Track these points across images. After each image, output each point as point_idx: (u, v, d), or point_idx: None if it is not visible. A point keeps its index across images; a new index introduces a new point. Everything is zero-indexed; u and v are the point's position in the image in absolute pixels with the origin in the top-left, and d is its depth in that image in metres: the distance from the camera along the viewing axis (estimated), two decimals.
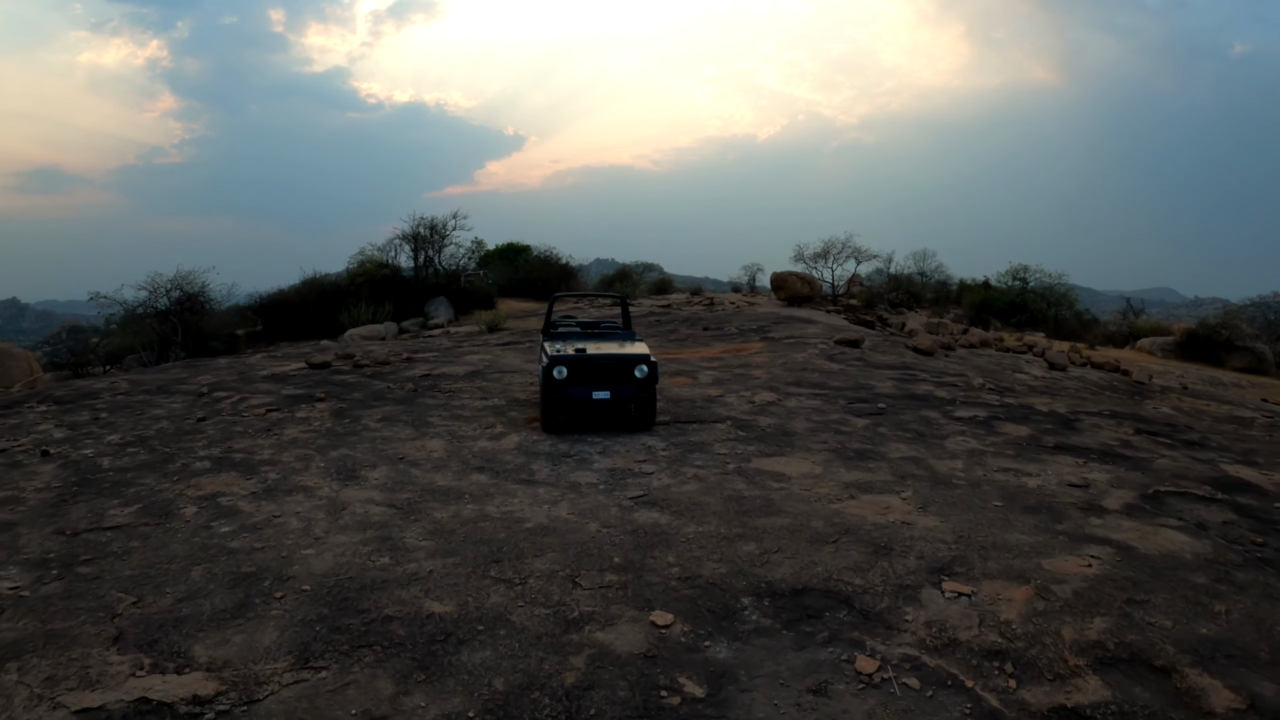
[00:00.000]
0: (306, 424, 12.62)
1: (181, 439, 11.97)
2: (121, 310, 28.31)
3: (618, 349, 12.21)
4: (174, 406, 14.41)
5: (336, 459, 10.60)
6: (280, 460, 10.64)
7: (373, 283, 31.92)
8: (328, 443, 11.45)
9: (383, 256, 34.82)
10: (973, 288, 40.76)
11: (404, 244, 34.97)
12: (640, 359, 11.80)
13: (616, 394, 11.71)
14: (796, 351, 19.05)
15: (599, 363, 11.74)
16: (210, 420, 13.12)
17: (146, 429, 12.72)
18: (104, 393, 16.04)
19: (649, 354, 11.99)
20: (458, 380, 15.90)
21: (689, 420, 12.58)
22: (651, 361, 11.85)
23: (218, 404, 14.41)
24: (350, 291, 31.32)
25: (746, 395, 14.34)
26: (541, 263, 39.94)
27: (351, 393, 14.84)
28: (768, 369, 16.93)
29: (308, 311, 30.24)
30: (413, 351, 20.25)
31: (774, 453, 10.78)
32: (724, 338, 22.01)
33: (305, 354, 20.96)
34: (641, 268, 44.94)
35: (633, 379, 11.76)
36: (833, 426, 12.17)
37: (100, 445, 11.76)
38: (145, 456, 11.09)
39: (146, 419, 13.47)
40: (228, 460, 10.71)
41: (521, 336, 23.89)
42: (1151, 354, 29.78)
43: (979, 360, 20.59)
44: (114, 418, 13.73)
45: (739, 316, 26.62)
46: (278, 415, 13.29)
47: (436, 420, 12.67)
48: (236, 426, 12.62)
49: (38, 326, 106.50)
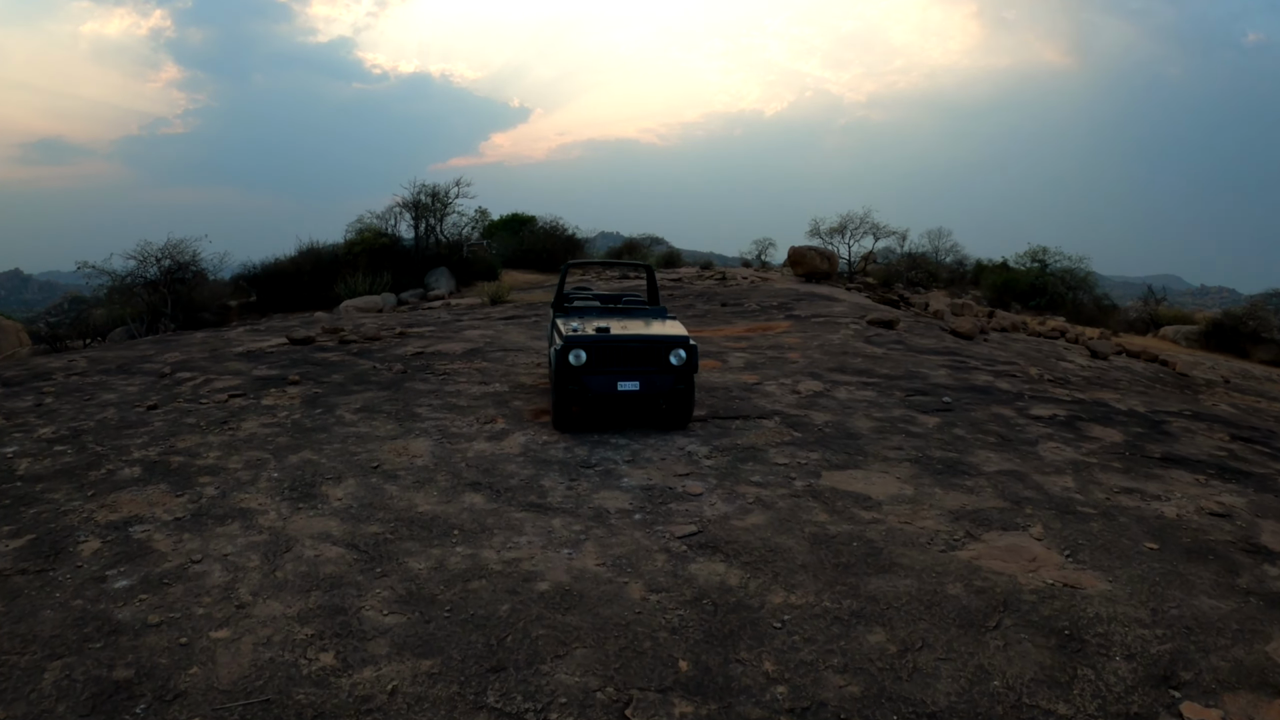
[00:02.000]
0: (270, 414, 10.09)
1: (121, 434, 9.56)
2: (110, 280, 25.68)
3: (648, 329, 9.71)
4: (129, 390, 11.90)
5: (295, 466, 8.09)
6: (226, 467, 8.13)
7: (371, 252, 29.24)
8: (289, 441, 8.93)
9: (382, 225, 32.14)
10: (990, 268, 38.16)
11: (404, 212, 32.23)
12: (676, 342, 9.32)
13: (647, 385, 9.21)
14: (829, 332, 16.54)
15: (626, 346, 9.25)
16: (162, 409, 10.68)
17: (87, 420, 10.35)
18: (58, 373, 13.48)
19: (687, 335, 9.50)
20: (454, 360, 13.27)
21: (729, 415, 10.11)
22: (691, 345, 9.37)
23: (177, 388, 11.87)
24: (347, 261, 28.67)
25: (788, 384, 11.90)
26: (547, 234, 37.23)
27: (331, 374, 12.23)
28: (803, 351, 14.48)
29: (303, 282, 27.70)
30: (407, 325, 17.59)
31: (844, 463, 8.36)
32: (746, 315, 19.47)
33: (290, 328, 18.27)
34: (649, 241, 42.26)
35: (667, 366, 9.26)
36: (900, 426, 9.78)
37: (27, 442, 9.39)
38: (71, 458, 8.70)
39: (93, 406, 11.10)
40: (163, 465, 8.30)
41: (526, 310, 21.24)
42: (1175, 343, 27.73)
43: (1018, 345, 18.34)
44: (59, 404, 11.34)
45: (756, 292, 24.07)
46: (240, 403, 10.75)
47: (425, 412, 10.12)
48: (189, 417, 10.13)
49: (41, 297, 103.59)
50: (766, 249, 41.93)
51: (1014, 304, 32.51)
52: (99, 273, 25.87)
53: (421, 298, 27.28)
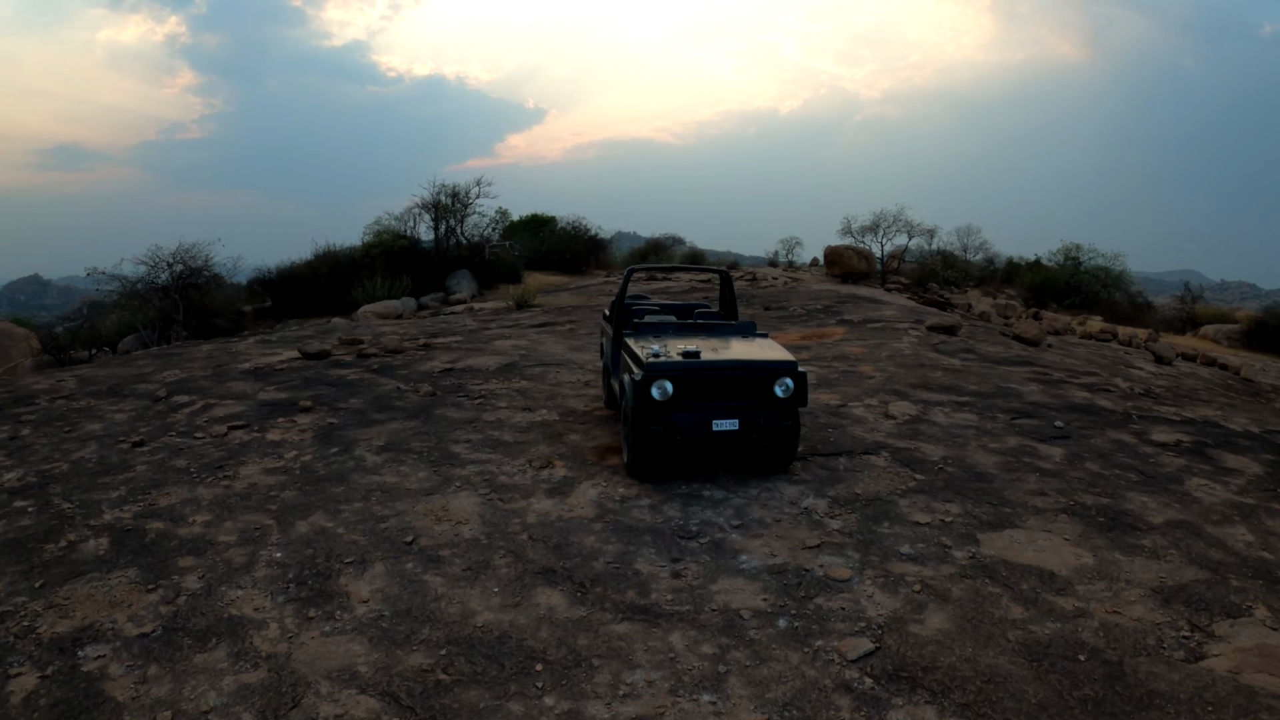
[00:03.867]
0: (276, 455, 7.98)
1: (95, 483, 7.55)
2: (121, 287, 23.70)
3: (744, 352, 7.54)
4: (116, 419, 9.85)
5: (304, 539, 5.95)
6: (215, 540, 6.02)
7: (389, 255, 27.06)
8: (298, 497, 6.83)
9: (400, 227, 29.97)
10: (1024, 267, 35.88)
11: (424, 213, 29.99)
12: (782, 369, 7.21)
13: (748, 423, 7.08)
14: (891, 339, 14.39)
15: (723, 375, 7.12)
16: (149, 445, 8.64)
17: (62, 461, 8.30)
18: (42, 396, 11.40)
19: (793, 360, 7.37)
20: (489, 378, 11.09)
21: (829, 451, 8.02)
22: (800, 373, 7.24)
23: (171, 415, 9.79)
24: (365, 264, 26.47)
25: (876, 405, 9.78)
26: (569, 235, 34.91)
27: (349, 398, 10.08)
28: (874, 363, 12.34)
29: (319, 286, 25.57)
30: (431, 335, 15.38)
31: (994, 519, 6.44)
32: (794, 319, 17.28)
33: (305, 338, 16.09)
34: (670, 241, 39.91)
35: (771, 399, 7.13)
36: (1026, 461, 7.88)
37: None
38: (29, 520, 6.70)
39: (73, 441, 9.07)
40: (137, 536, 6.27)
41: (557, 315, 19.03)
42: (1216, 342, 25.63)
43: (1082, 351, 16.44)
44: (35, 437, 9.36)
45: (796, 294, 21.86)
46: (241, 437, 8.66)
47: (464, 451, 7.97)
48: (179, 458, 8.06)
49: (59, 302, 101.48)
50: (794, 248, 39.70)
51: (1050, 303, 30.30)
52: (109, 279, 24.00)
53: (443, 302, 25.10)
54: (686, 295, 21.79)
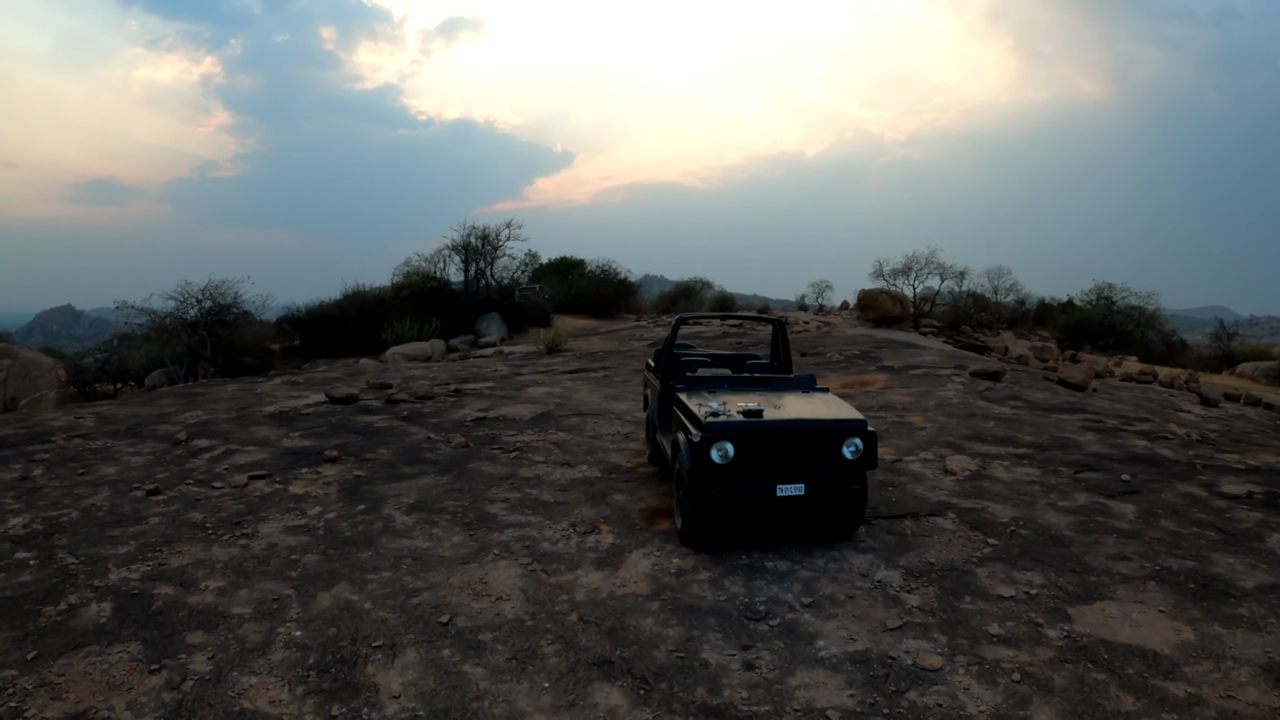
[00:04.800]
0: (299, 511, 7.34)
1: (104, 535, 6.97)
2: (149, 321, 23.24)
3: (809, 410, 6.88)
4: (132, 463, 9.27)
5: (328, 616, 5.28)
6: (229, 612, 5.38)
7: (419, 296, 26.57)
8: (321, 563, 6.17)
9: (430, 268, 29.53)
10: (1056, 308, 35.00)
11: (453, 255, 29.61)
12: (851, 428, 6.55)
13: (815, 488, 6.43)
14: (935, 387, 13.73)
15: (788, 436, 6.46)
16: (164, 494, 8.06)
17: (72, 508, 7.72)
18: (59, 434, 10.83)
19: (861, 418, 6.70)
20: (523, 429, 10.44)
21: (893, 513, 7.39)
22: (869, 432, 6.59)
23: (190, 460, 9.19)
24: (394, 305, 25.96)
25: (932, 459, 9.14)
26: (598, 278, 34.41)
27: (378, 448, 9.45)
28: (922, 412, 11.67)
29: (348, 327, 25.05)
30: (462, 381, 14.75)
31: (1081, 590, 5.94)
32: (833, 366, 16.59)
33: (332, 380, 15.51)
34: (700, 284, 39.33)
35: (838, 461, 6.49)
36: (1099, 521, 7.32)
37: None
38: (30, 577, 6.13)
39: (85, 485, 8.48)
40: (143, 602, 5.68)
41: (589, 361, 18.40)
42: (1255, 380, 24.59)
43: (1127, 395, 15.62)
44: (47, 479, 8.79)
45: (831, 339, 21.19)
46: (262, 488, 8.05)
47: (501, 512, 7.32)
48: (195, 510, 7.45)
49: (91, 333, 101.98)
50: (824, 291, 38.97)
51: (1085, 344, 29.42)
52: (139, 312, 23.58)
53: (472, 345, 24.53)
54: (719, 341, 21.16)
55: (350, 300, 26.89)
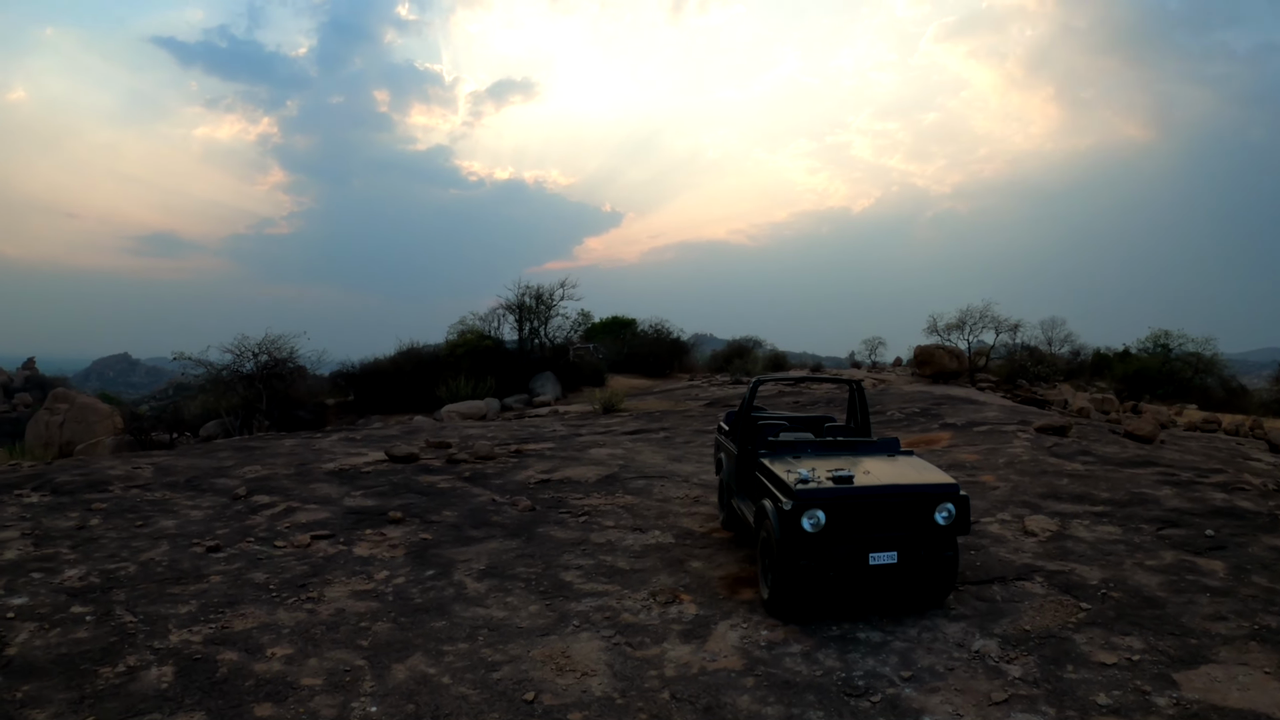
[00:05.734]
0: (366, 575, 7.04)
1: (164, 592, 6.74)
2: (205, 372, 23.35)
3: (899, 474, 6.60)
4: (192, 516, 9.07)
5: (404, 690, 4.99)
6: (297, 683, 5.07)
7: (473, 354, 26.42)
8: (393, 631, 5.85)
9: (484, 327, 29.46)
10: (1112, 357, 34.17)
11: (507, 314, 29.48)
12: (943, 493, 6.28)
13: (908, 555, 6.16)
14: (1002, 444, 13.26)
15: (880, 501, 6.20)
16: (225, 551, 7.81)
17: (130, 561, 7.54)
18: (116, 483, 10.69)
19: (954, 482, 6.43)
20: (590, 492, 10.12)
21: (980, 578, 7.03)
22: (961, 496, 6.30)
23: (250, 517, 8.96)
24: (449, 363, 25.84)
25: (1011, 520, 8.78)
26: (651, 337, 34.18)
27: (442, 509, 9.17)
28: (993, 471, 11.24)
29: (403, 383, 24.94)
30: (521, 441, 14.47)
31: (1183, 653, 5.62)
32: (893, 424, 16.14)
33: (390, 438, 15.32)
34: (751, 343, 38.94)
35: (932, 528, 6.21)
36: (1189, 580, 6.96)
37: (43, 591, 6.68)
38: (86, 634, 5.90)
39: (143, 538, 8.31)
40: (206, 669, 5.41)
41: (648, 421, 18.05)
42: None
43: (1195, 445, 15.25)
44: (104, 529, 8.66)
45: (888, 397, 20.71)
46: (326, 549, 7.77)
47: (577, 580, 6.99)
48: (257, 570, 7.18)
49: (147, 381, 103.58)
50: (876, 348, 38.32)
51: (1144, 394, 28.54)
52: (195, 364, 23.63)
53: (527, 403, 24.31)
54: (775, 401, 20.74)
55: (405, 357, 26.84)
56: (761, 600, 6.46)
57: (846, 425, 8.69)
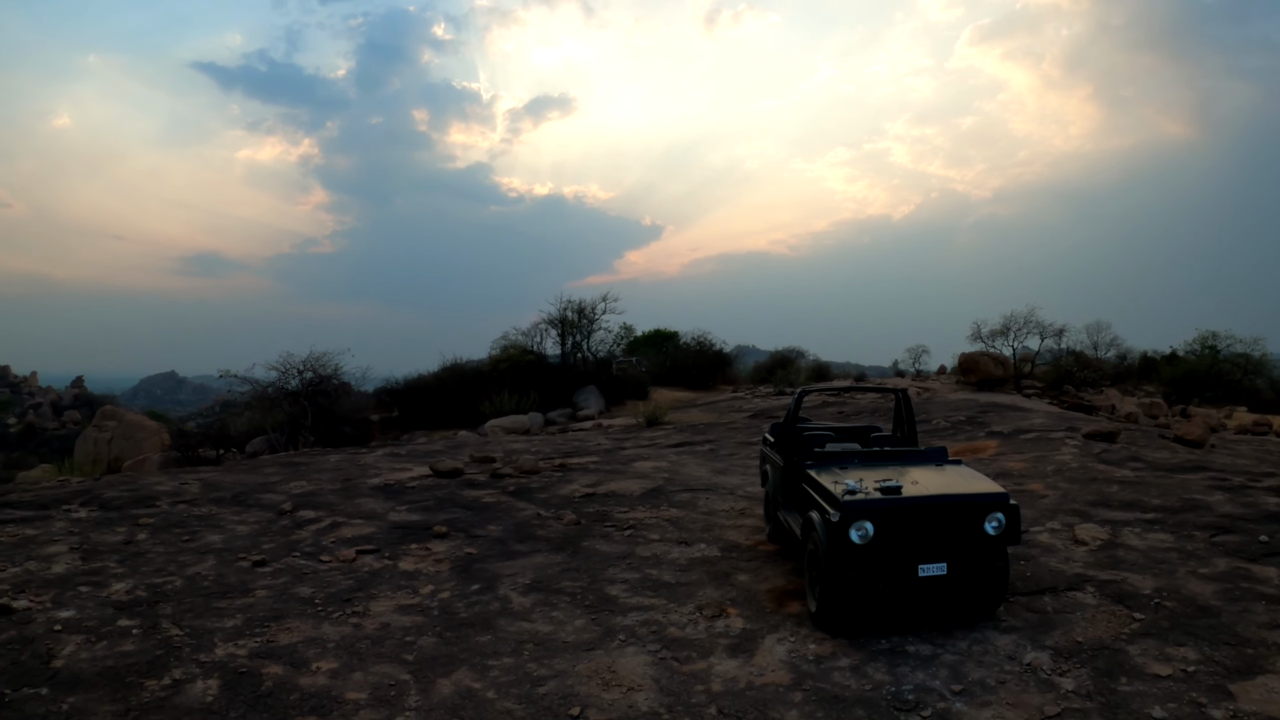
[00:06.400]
0: (411, 589, 7.04)
1: (210, 606, 6.76)
2: (251, 389, 23.59)
3: (948, 484, 6.49)
4: (238, 531, 9.12)
5: (448, 707, 5.01)
6: (342, 698, 5.06)
7: (516, 369, 26.51)
8: (438, 646, 5.84)
9: (527, 342, 29.57)
10: (1159, 361, 33.54)
11: (550, 329, 29.62)
12: (993, 502, 6.19)
13: (957, 566, 6.08)
14: (1050, 451, 13.01)
15: (928, 512, 6.11)
16: (271, 566, 7.85)
17: (176, 575, 7.58)
18: (164, 498, 10.79)
19: (1003, 491, 6.36)
20: (635, 505, 10.07)
21: (1030, 589, 6.92)
22: (1012, 506, 6.21)
23: (296, 532, 9.00)
24: (492, 378, 25.94)
25: (1060, 528, 8.62)
26: (694, 350, 34.11)
27: (487, 523, 9.15)
28: (1041, 479, 11.00)
29: (447, 398, 25.08)
30: (565, 455, 14.45)
31: (1239, 665, 5.48)
32: (939, 433, 15.92)
33: (435, 453, 15.37)
34: (794, 353, 38.63)
35: (982, 538, 6.12)
36: (1244, 588, 6.77)
37: (90, 605, 6.73)
38: (132, 647, 5.92)
39: (190, 553, 8.36)
40: (251, 683, 5.41)
41: (692, 434, 17.96)
42: None
43: (1246, 449, 14.82)
44: (152, 544, 8.73)
45: (933, 405, 20.41)
46: (371, 564, 7.77)
47: (622, 594, 6.93)
48: (303, 584, 7.20)
49: (194, 399, 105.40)
50: (920, 356, 37.88)
51: (1193, 397, 27.91)
52: (241, 381, 23.88)
53: (570, 417, 24.32)
54: (819, 412, 20.54)
55: (448, 372, 27.00)
56: (809, 613, 6.39)
57: (893, 435, 8.64)
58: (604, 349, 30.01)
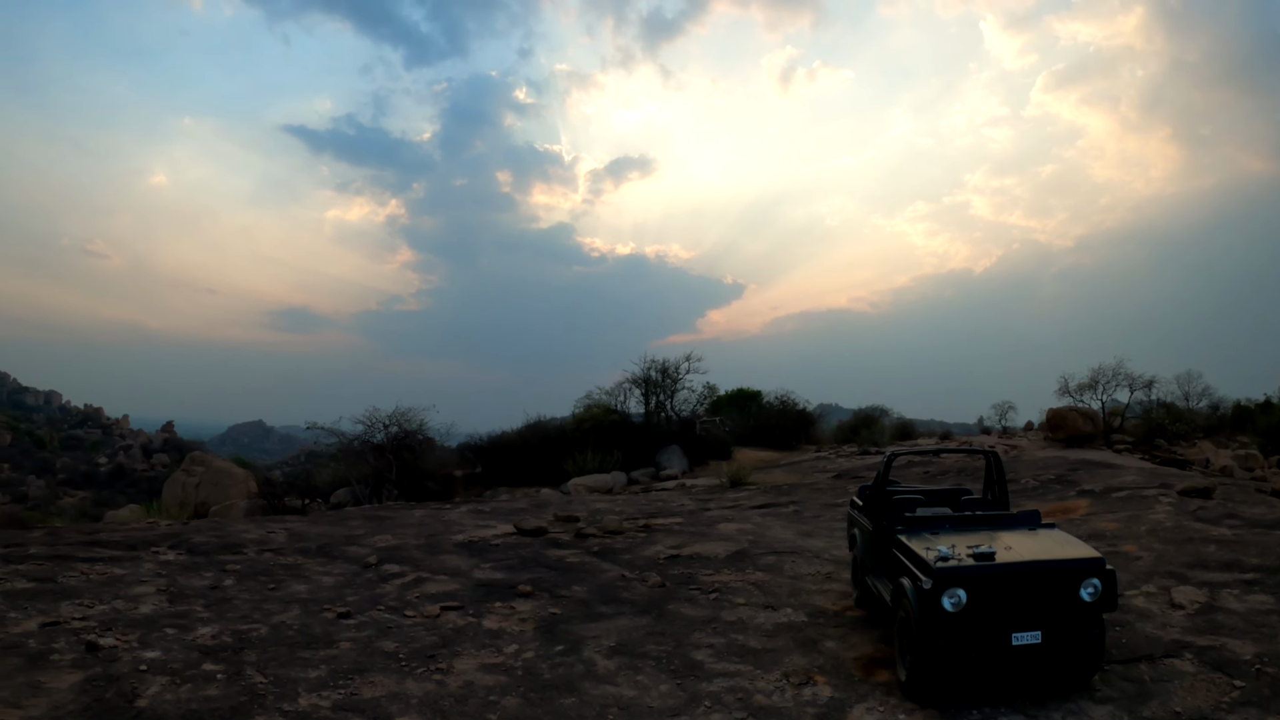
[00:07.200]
0: (495, 648, 7.02)
1: (295, 656, 6.82)
2: (337, 441, 24.15)
3: (1041, 549, 6.39)
4: (323, 583, 9.22)
5: None
6: None
7: (600, 428, 26.69)
8: (522, 709, 5.83)
9: (611, 401, 29.75)
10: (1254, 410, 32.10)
11: (633, 388, 29.84)
12: (1088, 568, 6.10)
13: (1052, 634, 5.97)
14: (1143, 509, 12.66)
15: (1022, 579, 6.03)
16: (356, 618, 7.91)
17: (262, 623, 7.67)
18: (250, 546, 10.99)
19: (1099, 556, 6.25)
20: (720, 568, 9.94)
21: (1125, 656, 6.74)
22: (1108, 571, 6.11)
23: (380, 585, 9.06)
24: (576, 437, 26.11)
25: (1156, 592, 8.40)
26: (777, 409, 33.87)
27: (570, 584, 9.11)
28: (1135, 540, 10.67)
29: (530, 456, 25.37)
30: (649, 515, 14.38)
31: None
32: (1027, 493, 15.52)
33: (519, 511, 15.42)
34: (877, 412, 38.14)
35: (1077, 605, 6.03)
36: None
37: (176, 647, 6.83)
38: (216, 692, 5.96)
39: (276, 601, 8.47)
40: None
41: (776, 495, 17.75)
42: None
43: None
44: (238, 590, 8.88)
45: (1021, 464, 19.90)
46: (455, 620, 7.79)
47: (708, 659, 6.82)
48: (387, 638, 7.23)
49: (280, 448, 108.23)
50: (1006, 413, 37.00)
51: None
52: (328, 433, 24.52)
53: (653, 477, 24.29)
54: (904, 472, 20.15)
55: (531, 430, 27.26)
56: (899, 682, 6.27)
57: (983, 497, 8.50)
58: (687, 408, 30.04)
